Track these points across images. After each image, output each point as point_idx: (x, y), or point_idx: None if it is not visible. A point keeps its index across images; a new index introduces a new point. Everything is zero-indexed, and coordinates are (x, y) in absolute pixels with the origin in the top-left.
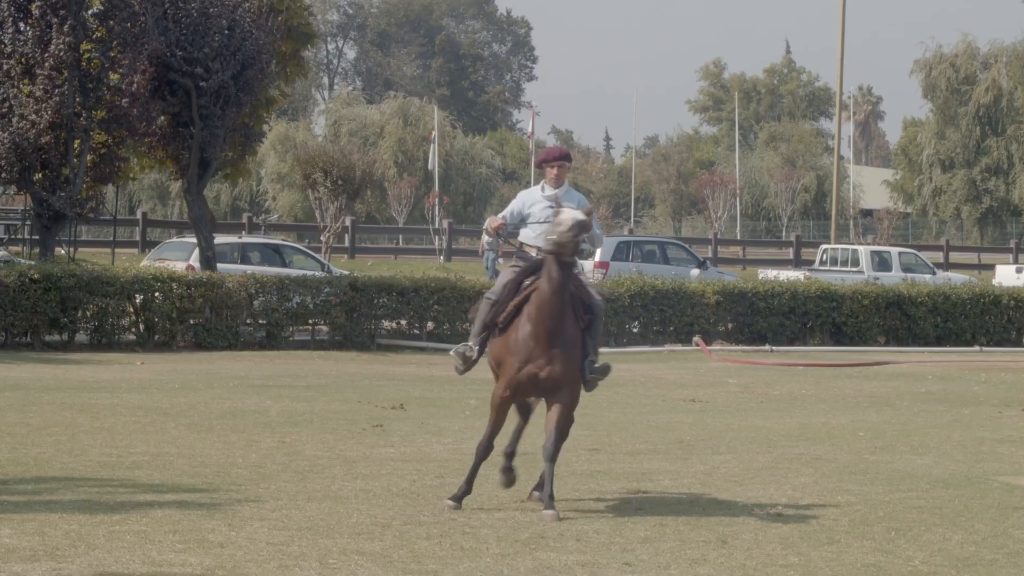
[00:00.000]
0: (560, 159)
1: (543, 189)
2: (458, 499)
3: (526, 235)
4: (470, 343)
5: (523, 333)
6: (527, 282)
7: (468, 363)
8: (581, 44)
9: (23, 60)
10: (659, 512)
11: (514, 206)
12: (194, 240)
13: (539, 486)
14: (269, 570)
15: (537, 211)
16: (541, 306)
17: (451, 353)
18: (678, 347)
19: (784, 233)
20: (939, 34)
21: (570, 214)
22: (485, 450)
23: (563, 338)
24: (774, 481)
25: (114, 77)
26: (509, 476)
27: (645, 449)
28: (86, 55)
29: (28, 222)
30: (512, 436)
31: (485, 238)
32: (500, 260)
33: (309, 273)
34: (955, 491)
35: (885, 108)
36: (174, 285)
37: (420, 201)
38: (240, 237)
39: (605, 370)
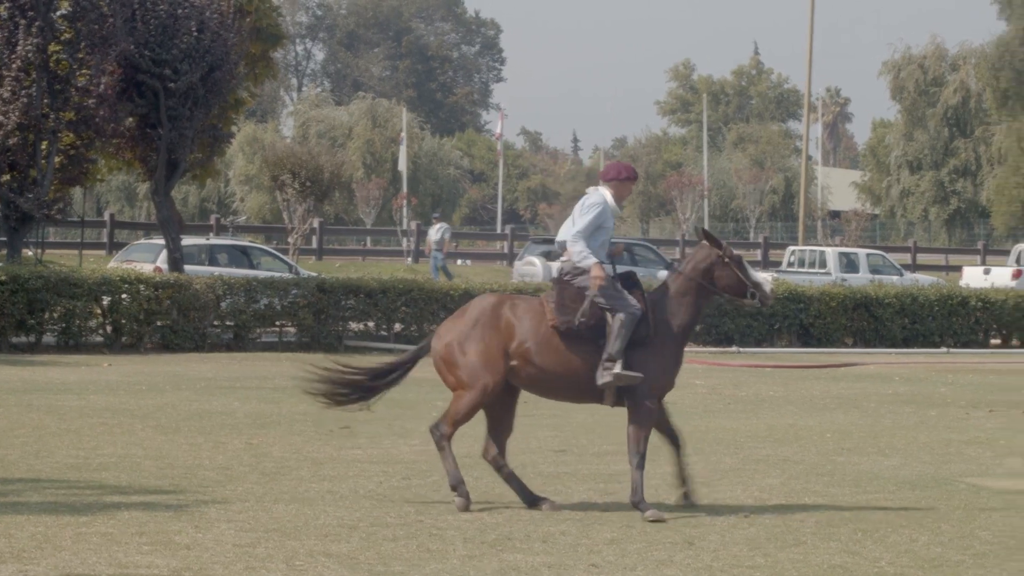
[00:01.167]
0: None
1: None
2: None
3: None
4: (620, 362)
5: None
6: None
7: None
8: (549, 46)
9: None
10: (626, 514)
11: (596, 220)
12: (162, 242)
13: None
14: (236, 572)
15: (610, 225)
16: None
17: (618, 374)
18: None
19: (752, 234)
20: (908, 36)
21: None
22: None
23: None
24: (741, 483)
25: (82, 79)
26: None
27: (612, 451)
28: (54, 56)
29: None
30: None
31: (432, 237)
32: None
33: (277, 275)
34: (922, 492)
35: (853, 110)
36: (141, 287)
37: (388, 203)
38: (208, 239)
39: None
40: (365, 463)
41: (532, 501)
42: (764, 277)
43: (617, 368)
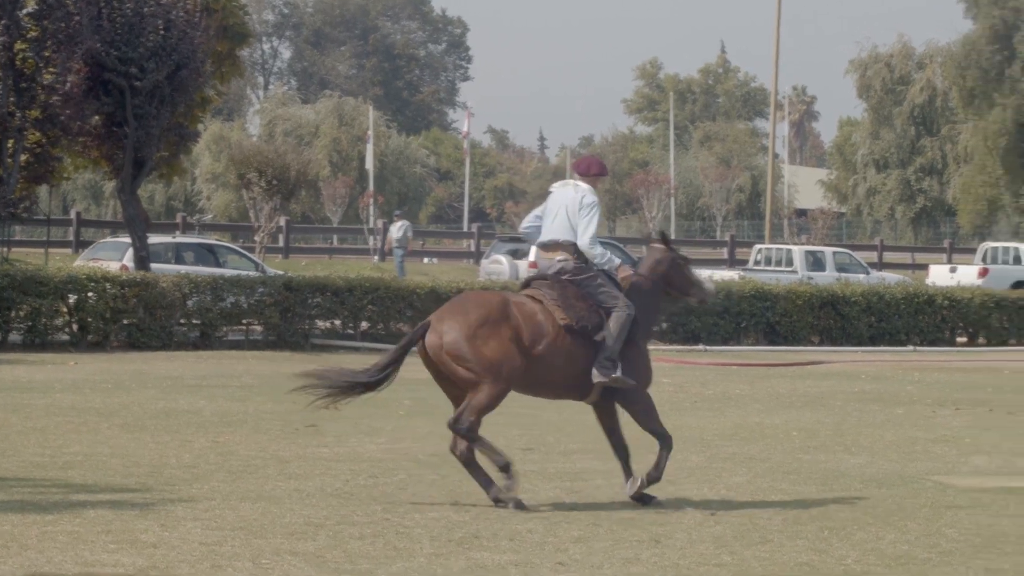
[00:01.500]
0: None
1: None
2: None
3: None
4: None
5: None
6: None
7: None
8: (516, 44)
9: None
10: (592, 512)
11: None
12: (128, 240)
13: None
14: (202, 570)
15: None
16: None
17: (616, 377)
18: None
19: (719, 233)
20: (875, 34)
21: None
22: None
23: None
24: (707, 481)
25: (48, 77)
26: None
27: (579, 449)
28: (20, 54)
29: None
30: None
31: (394, 235)
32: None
33: (243, 273)
34: (888, 490)
35: (819, 108)
36: (108, 285)
37: (355, 201)
38: (174, 237)
39: None
40: (331, 461)
41: (489, 485)
42: (705, 276)
43: (617, 372)
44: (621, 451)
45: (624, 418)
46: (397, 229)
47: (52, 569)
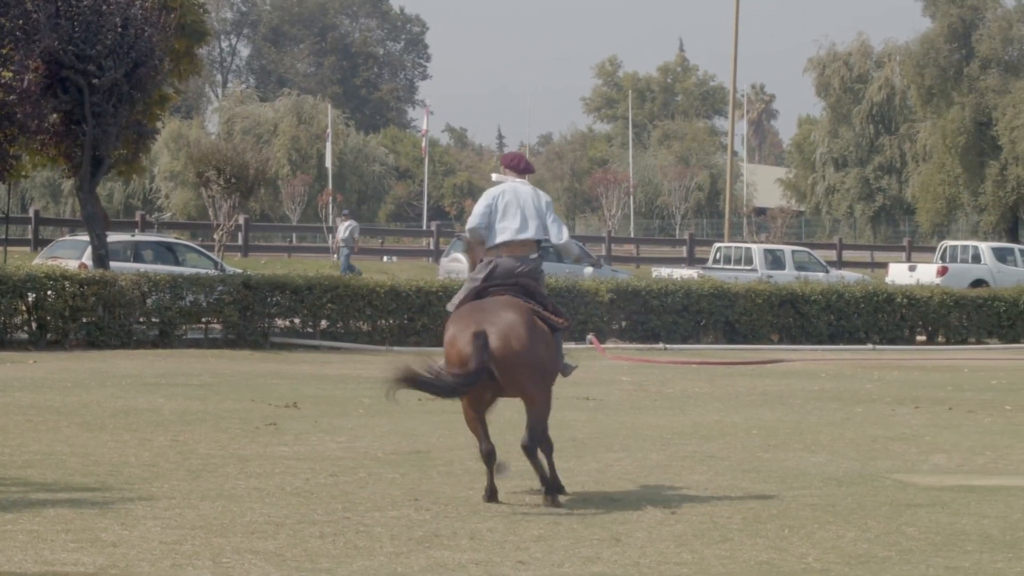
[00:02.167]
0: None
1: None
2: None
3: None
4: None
5: None
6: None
7: None
8: (475, 42)
9: None
10: (553, 510)
11: None
12: (87, 238)
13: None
14: (162, 569)
15: None
16: None
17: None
18: (571, 345)
19: (678, 231)
20: (833, 33)
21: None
22: None
23: None
24: (667, 479)
25: (6, 74)
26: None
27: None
28: None
29: None
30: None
31: (341, 234)
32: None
33: (202, 271)
34: (848, 488)
35: (778, 106)
36: (67, 283)
37: (314, 199)
38: (133, 235)
39: None
40: (292, 460)
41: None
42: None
43: (572, 361)
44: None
45: (583, 414)
46: (344, 229)
47: (12, 568)
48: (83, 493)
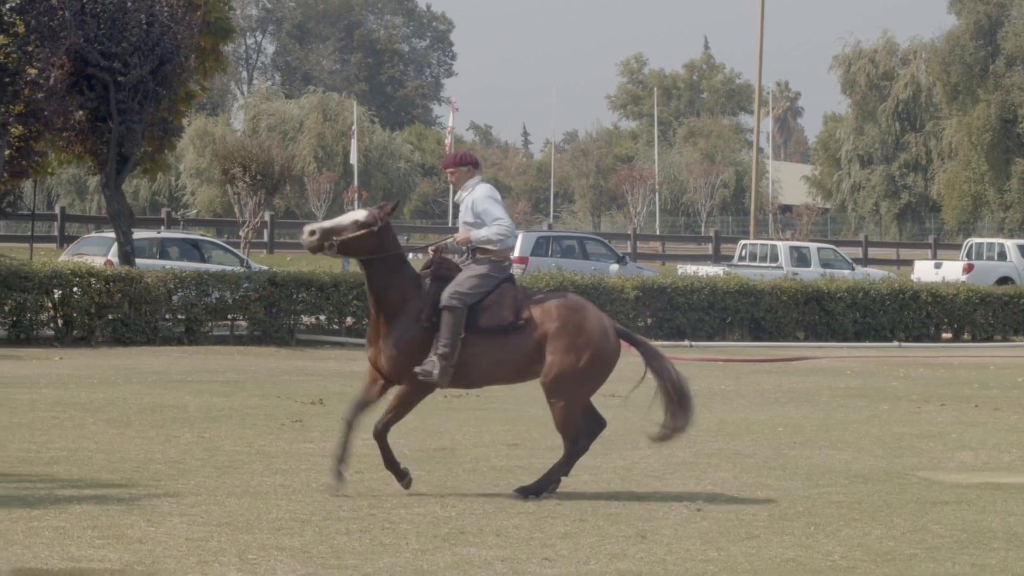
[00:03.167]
0: (448, 167)
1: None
2: None
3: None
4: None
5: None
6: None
7: None
8: (500, 39)
9: None
10: (579, 508)
11: None
12: (113, 235)
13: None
14: (188, 565)
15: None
16: None
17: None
18: None
19: (703, 229)
20: (858, 30)
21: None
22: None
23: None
24: (694, 476)
25: (32, 72)
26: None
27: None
28: (3, 49)
29: None
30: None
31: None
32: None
33: (228, 268)
34: (874, 486)
35: (803, 104)
36: (92, 280)
37: (339, 196)
38: (159, 232)
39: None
40: (317, 457)
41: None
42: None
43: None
44: None
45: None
46: None
47: (38, 564)
48: (109, 489)
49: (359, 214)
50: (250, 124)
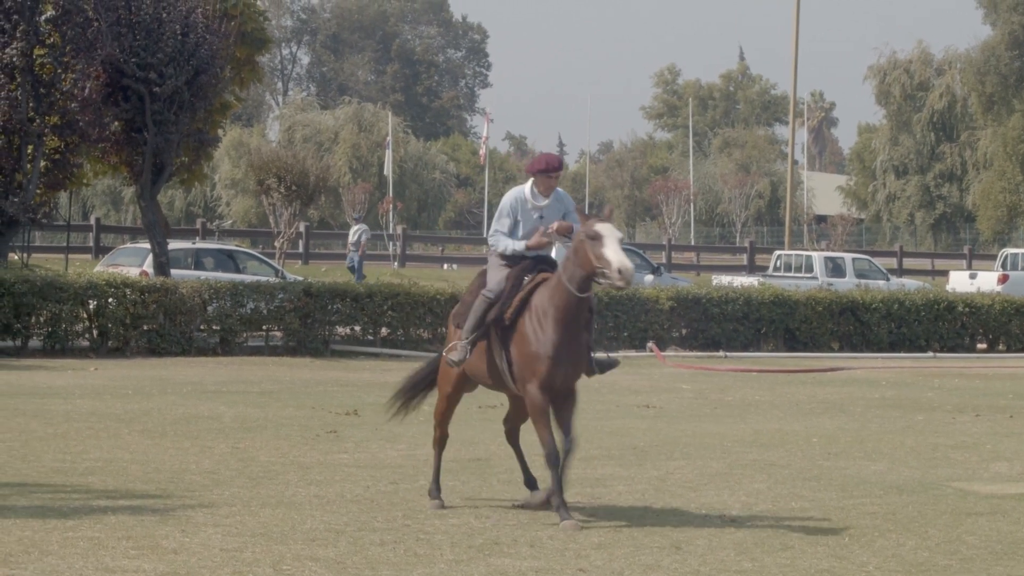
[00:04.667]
0: (557, 169)
1: (532, 195)
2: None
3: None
4: (463, 342)
5: (552, 334)
6: (527, 279)
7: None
8: (535, 49)
9: None
10: (613, 518)
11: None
12: (148, 246)
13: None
14: None
15: (527, 221)
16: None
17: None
18: (632, 353)
19: (738, 239)
20: (893, 40)
21: (622, 258)
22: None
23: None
24: (728, 487)
25: (67, 83)
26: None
27: (599, 455)
28: (39, 60)
29: None
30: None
31: (350, 239)
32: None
33: (263, 279)
34: (909, 497)
35: (838, 114)
36: (128, 291)
37: (374, 207)
38: (194, 243)
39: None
40: (352, 467)
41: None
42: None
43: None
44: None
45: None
46: (353, 233)
47: (73, 575)
48: (144, 500)
49: (618, 233)
50: (285, 135)
